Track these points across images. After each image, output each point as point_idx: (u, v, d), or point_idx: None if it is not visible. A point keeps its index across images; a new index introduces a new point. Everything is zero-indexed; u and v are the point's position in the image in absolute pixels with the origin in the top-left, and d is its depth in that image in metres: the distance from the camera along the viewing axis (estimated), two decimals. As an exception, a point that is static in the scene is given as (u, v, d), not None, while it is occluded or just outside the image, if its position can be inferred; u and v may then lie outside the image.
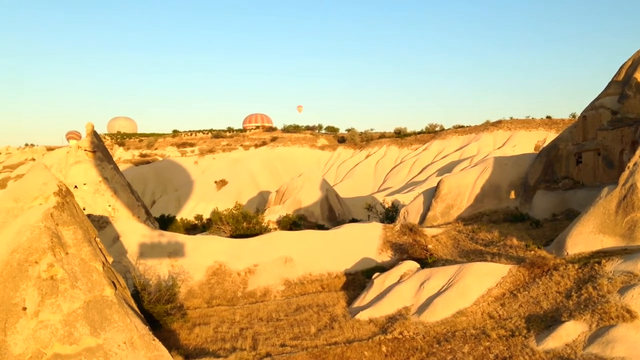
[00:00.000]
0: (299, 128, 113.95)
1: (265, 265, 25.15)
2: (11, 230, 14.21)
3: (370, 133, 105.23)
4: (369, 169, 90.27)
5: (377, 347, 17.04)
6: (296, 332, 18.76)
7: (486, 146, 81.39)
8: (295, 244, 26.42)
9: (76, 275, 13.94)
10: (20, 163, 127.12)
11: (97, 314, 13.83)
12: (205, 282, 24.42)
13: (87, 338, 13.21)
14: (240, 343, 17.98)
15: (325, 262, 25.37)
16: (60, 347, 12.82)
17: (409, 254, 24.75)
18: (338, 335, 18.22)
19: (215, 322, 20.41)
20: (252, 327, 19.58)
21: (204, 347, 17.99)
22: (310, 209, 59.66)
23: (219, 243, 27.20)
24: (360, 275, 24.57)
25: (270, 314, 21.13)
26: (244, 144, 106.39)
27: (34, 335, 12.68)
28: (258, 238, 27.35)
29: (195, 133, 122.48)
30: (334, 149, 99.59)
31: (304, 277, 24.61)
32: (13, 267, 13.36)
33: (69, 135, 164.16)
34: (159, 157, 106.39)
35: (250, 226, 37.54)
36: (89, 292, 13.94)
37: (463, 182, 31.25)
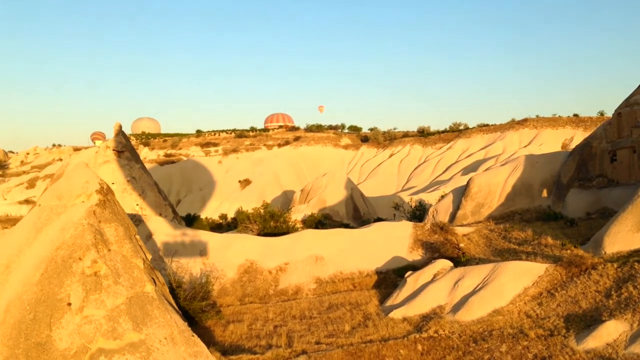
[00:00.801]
0: (321, 127, 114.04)
1: (296, 264, 25.23)
2: (55, 227, 14.50)
3: (393, 132, 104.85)
4: (392, 168, 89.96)
5: (412, 346, 16.97)
6: (330, 330, 18.79)
7: (512, 145, 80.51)
8: (326, 243, 26.46)
9: (118, 271, 14.16)
10: (47, 163, 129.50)
11: (139, 309, 14.03)
12: (237, 280, 24.60)
13: (130, 333, 13.41)
14: (275, 340, 18.06)
15: (356, 261, 25.35)
16: (105, 342, 13.03)
17: (440, 253, 24.62)
18: (373, 333, 18.19)
19: (249, 320, 20.54)
20: (286, 325, 19.66)
21: (239, 344, 18.12)
22: (335, 208, 59.70)
23: (249, 241, 27.38)
24: (392, 274, 24.51)
25: (303, 311, 21.19)
26: (267, 143, 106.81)
27: (78, 330, 12.91)
28: (288, 236, 27.46)
29: (218, 133, 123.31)
30: (357, 148, 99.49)
31: (335, 276, 24.62)
32: (57, 264, 13.62)
33: (94, 135, 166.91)
34: (184, 157, 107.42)
35: (278, 225, 37.71)
36: (131, 288, 14.14)
37: (493, 181, 30.95)
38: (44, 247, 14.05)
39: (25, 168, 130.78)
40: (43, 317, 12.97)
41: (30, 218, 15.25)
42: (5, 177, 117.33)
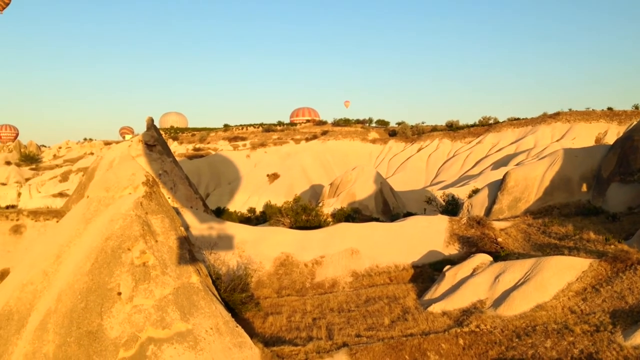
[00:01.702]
0: (349, 122, 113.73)
1: (331, 257, 25.26)
2: (104, 218, 14.78)
3: (421, 126, 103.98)
4: (420, 162, 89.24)
5: (454, 340, 16.84)
6: (370, 323, 18.78)
7: (543, 139, 79.09)
8: (361, 236, 26.42)
9: (165, 262, 14.38)
10: (79, 157, 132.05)
11: (185, 300, 14.23)
12: (274, 273, 24.73)
13: (178, 323, 13.62)
14: (315, 332, 18.13)
15: (391, 255, 25.26)
16: (154, 331, 13.26)
17: (478, 247, 24.37)
18: (413, 327, 18.12)
19: (287, 312, 20.65)
20: (325, 317, 19.71)
21: (279, 336, 18.24)
22: (364, 202, 59.57)
23: (284, 234, 27.50)
24: (428, 268, 24.36)
25: (340, 304, 21.22)
26: (295, 137, 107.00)
27: (129, 319, 13.15)
28: (324, 230, 27.50)
29: (246, 127, 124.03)
30: (385, 143, 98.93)
31: (371, 269, 24.58)
32: (107, 254, 13.89)
33: (123, 130, 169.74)
34: (212, 151, 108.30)
35: (310, 219, 37.82)
36: (178, 278, 14.36)
37: (531, 175, 30.48)
38: (94, 237, 14.33)
39: (57, 162, 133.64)
40: (94, 306, 13.25)
41: (79, 209, 15.57)
42: (39, 170, 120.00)
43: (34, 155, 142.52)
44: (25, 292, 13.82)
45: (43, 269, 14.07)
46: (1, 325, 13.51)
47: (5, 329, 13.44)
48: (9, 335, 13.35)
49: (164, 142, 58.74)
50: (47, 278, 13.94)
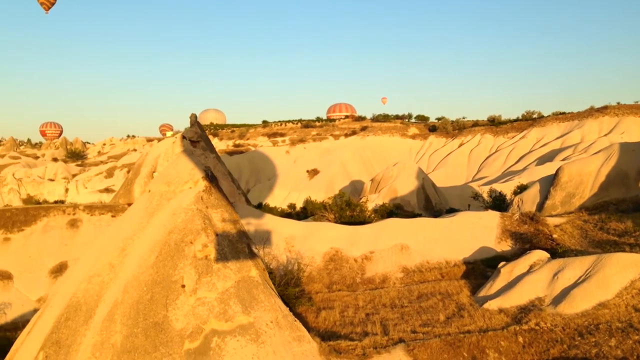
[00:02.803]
0: (388, 117, 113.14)
1: (381, 252, 25.15)
2: (166, 212, 15.05)
3: (462, 121, 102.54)
4: (462, 158, 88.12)
5: (513, 338, 16.56)
6: (424, 319, 18.62)
7: (590, 134, 76.97)
8: (411, 232, 26.22)
9: (226, 255, 14.55)
10: (123, 153, 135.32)
11: (246, 293, 14.37)
12: (323, 268, 24.79)
13: (240, 316, 13.76)
14: (370, 328, 18.09)
15: (442, 250, 24.99)
16: (217, 323, 13.43)
17: (532, 244, 23.86)
18: (469, 324, 17.89)
19: (339, 307, 20.67)
20: (378, 313, 19.65)
21: (334, 331, 18.27)
22: (406, 198, 59.21)
23: (333, 230, 27.53)
24: (480, 264, 24.00)
25: (393, 300, 21.12)
26: (334, 133, 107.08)
27: (193, 311, 13.36)
28: (372, 225, 27.41)
29: (284, 123, 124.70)
30: (425, 138, 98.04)
31: (421, 265, 24.38)
32: (171, 247, 14.14)
33: (162, 127, 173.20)
34: (252, 147, 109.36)
35: (354, 214, 37.77)
36: (238, 272, 14.50)
37: (585, 170, 29.65)
38: (157, 231, 14.61)
39: (102, 158, 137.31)
40: (159, 298, 13.51)
41: (142, 203, 15.89)
42: (85, 167, 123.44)
43: (80, 152, 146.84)
44: (92, 284, 14.20)
45: (109, 261, 14.42)
46: (69, 317, 13.91)
47: (73, 320, 13.83)
48: (77, 326, 13.73)
49: (207, 139, 59.60)
50: (113, 270, 14.29)
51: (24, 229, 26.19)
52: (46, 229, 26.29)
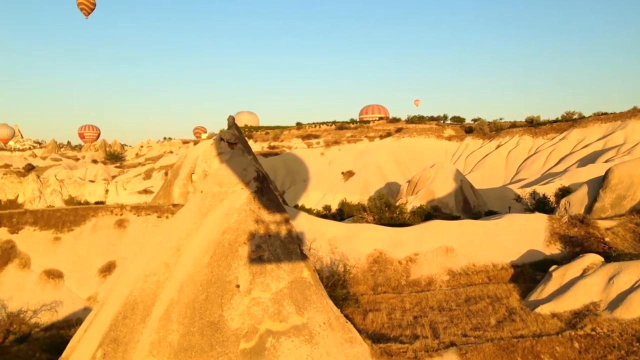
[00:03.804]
0: (423, 119, 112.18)
1: (426, 255, 24.90)
2: (219, 212, 15.18)
3: (499, 122, 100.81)
4: (500, 159, 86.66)
5: (568, 343, 16.16)
6: (475, 323, 18.33)
7: (635, 134, 74.73)
8: (455, 234, 25.88)
9: (279, 256, 14.60)
10: (160, 155, 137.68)
11: (299, 294, 14.38)
12: (367, 270, 24.67)
13: (294, 316, 13.78)
14: (419, 330, 17.90)
15: (488, 253, 24.59)
16: (272, 323, 13.48)
17: (583, 247, 23.26)
18: (522, 328, 17.54)
19: (386, 309, 20.53)
20: (426, 316, 19.43)
21: (382, 333, 18.13)
22: (444, 200, 58.54)
23: (376, 231, 27.39)
24: (528, 268, 23.52)
25: (440, 303, 20.86)
26: (369, 135, 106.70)
27: (248, 311, 13.43)
28: (416, 227, 27.17)
29: (319, 125, 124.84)
30: (462, 140, 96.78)
31: (467, 268, 24.03)
32: (225, 247, 14.26)
33: (196, 130, 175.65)
34: (286, 149, 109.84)
35: (394, 216, 37.52)
36: (291, 273, 14.53)
37: (636, 171, 28.75)
38: (211, 231, 14.75)
39: (140, 160, 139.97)
40: (214, 297, 13.63)
41: (195, 204, 16.07)
42: (123, 168, 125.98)
43: (118, 154, 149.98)
44: (148, 283, 14.41)
45: (164, 261, 14.63)
46: (127, 315, 14.16)
47: (130, 318, 14.06)
48: (134, 324, 13.95)
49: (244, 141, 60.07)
50: (168, 269, 14.48)
51: (74, 228, 26.84)
52: (95, 229, 26.89)
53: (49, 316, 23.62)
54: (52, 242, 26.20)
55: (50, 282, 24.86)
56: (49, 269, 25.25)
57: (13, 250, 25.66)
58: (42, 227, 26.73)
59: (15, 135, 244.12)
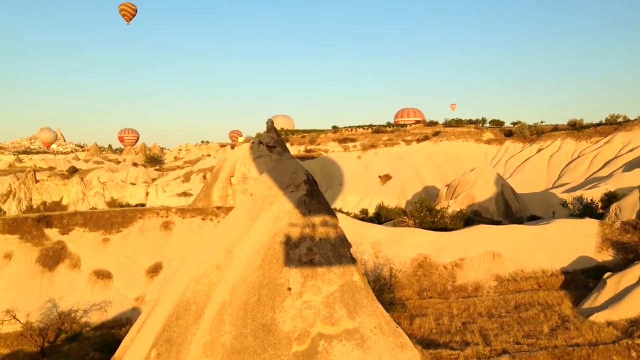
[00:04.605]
0: (461, 122, 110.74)
1: (472, 260, 24.49)
2: (270, 215, 15.23)
3: (541, 126, 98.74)
4: (541, 164, 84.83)
5: (626, 352, 15.60)
6: (527, 331, 17.89)
7: (683, 138, 72.25)
8: (502, 239, 25.39)
9: (330, 259, 14.54)
10: (198, 159, 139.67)
11: (350, 297, 14.30)
12: (412, 274, 24.41)
13: (346, 320, 13.70)
14: (469, 337, 17.57)
15: (537, 259, 24.03)
16: (324, 327, 13.42)
17: (637, 254, 22.51)
18: (577, 337, 17.01)
19: (433, 315, 20.25)
20: (475, 322, 19.08)
21: (431, 339, 17.86)
22: (484, 205, 57.58)
23: (420, 235, 27.10)
24: (580, 275, 22.89)
25: (489, 309, 20.46)
26: (406, 139, 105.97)
27: (300, 314, 13.42)
28: (462, 231, 26.77)
29: (355, 129, 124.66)
30: (501, 143, 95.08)
31: (515, 274, 23.53)
32: (276, 250, 14.29)
33: (232, 134, 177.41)
34: (323, 153, 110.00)
35: (436, 220, 37.04)
36: (342, 276, 14.45)
37: (692, 176, 27.72)
38: (261, 234, 14.81)
39: (178, 163, 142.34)
40: (266, 300, 13.66)
41: (245, 207, 16.17)
42: (163, 171, 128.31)
43: (158, 157, 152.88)
44: (201, 285, 14.56)
45: (216, 263, 14.76)
46: (180, 316, 14.33)
47: (184, 319, 14.22)
48: (187, 325, 14.11)
49: (284, 144, 60.23)
50: (220, 272, 14.60)
51: (122, 230, 27.42)
52: (142, 231, 27.41)
53: (98, 316, 24.16)
54: (101, 244, 26.82)
55: (100, 283, 25.44)
56: (99, 270, 25.85)
57: (64, 251, 26.37)
58: (91, 228, 27.40)
59: (58, 139, 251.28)
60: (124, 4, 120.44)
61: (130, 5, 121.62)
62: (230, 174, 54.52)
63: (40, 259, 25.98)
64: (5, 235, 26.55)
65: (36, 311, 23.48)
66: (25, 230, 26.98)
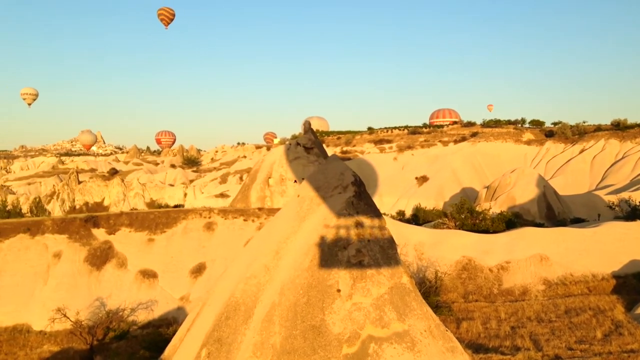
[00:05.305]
0: (499, 122, 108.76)
1: (518, 263, 24.02)
2: (317, 217, 15.21)
3: (582, 126, 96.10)
4: (584, 164, 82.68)
5: (684, 361, 15.02)
6: (579, 336, 17.41)
7: None
8: (550, 242, 24.82)
9: (378, 261, 14.43)
10: (234, 160, 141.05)
11: (399, 300, 14.14)
12: (456, 277, 24.08)
13: (395, 323, 13.55)
14: (519, 342, 17.20)
15: (586, 263, 23.41)
16: (373, 329, 13.31)
17: (693, 258, 21.66)
18: (631, 342, 16.48)
19: (480, 318, 19.94)
20: (525, 327, 18.67)
21: (480, 343, 17.55)
22: (525, 207, 56.39)
23: (463, 237, 26.74)
24: (632, 279, 22.22)
25: (538, 314, 20.00)
26: (443, 139, 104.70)
27: (349, 316, 13.34)
28: (506, 234, 26.29)
29: (391, 130, 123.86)
30: (542, 144, 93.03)
31: (564, 278, 22.97)
32: (324, 251, 14.24)
33: (267, 135, 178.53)
34: (359, 154, 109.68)
35: (477, 222, 36.45)
36: (391, 278, 14.32)
37: None
38: (309, 235, 14.79)
39: (215, 165, 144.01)
40: (315, 301, 13.64)
41: (292, 208, 16.21)
42: (200, 172, 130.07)
43: (195, 159, 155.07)
44: (250, 285, 14.65)
45: (264, 264, 14.82)
46: (229, 315, 14.44)
47: (233, 319, 14.33)
48: (237, 325, 14.21)
49: (320, 145, 60.15)
50: (268, 272, 14.66)
51: (166, 230, 27.88)
52: (186, 231, 27.81)
53: (145, 314, 24.59)
54: (146, 243, 27.32)
55: (146, 282, 25.91)
56: (144, 269, 26.33)
57: (110, 251, 26.96)
58: (136, 228, 27.94)
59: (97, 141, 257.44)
60: (162, 9, 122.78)
61: (168, 9, 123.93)
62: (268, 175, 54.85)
63: (88, 258, 26.61)
64: (54, 235, 27.31)
65: (85, 309, 24.05)
66: (74, 230, 27.69)
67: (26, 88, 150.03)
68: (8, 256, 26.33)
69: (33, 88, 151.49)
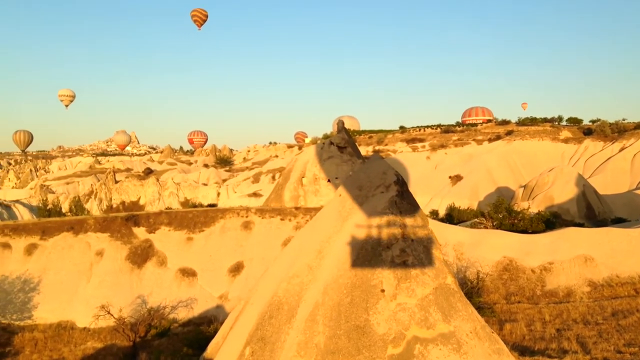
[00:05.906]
0: (535, 120, 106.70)
1: (562, 264, 23.47)
2: (360, 216, 15.13)
3: (622, 123, 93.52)
4: (624, 163, 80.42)
5: None
6: (628, 339, 16.89)
7: None
8: (594, 242, 24.20)
9: (422, 261, 14.27)
10: (266, 160, 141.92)
11: (444, 300, 13.96)
12: (497, 277, 23.69)
13: (441, 324, 13.38)
14: (566, 344, 16.78)
15: (633, 264, 22.75)
16: (418, 330, 13.17)
17: None
18: (685, 347, 15.90)
19: (524, 320, 19.55)
20: (570, 329, 18.23)
21: (525, 345, 17.22)
22: (564, 206, 55.19)
23: (503, 237, 26.29)
24: (682, 281, 21.42)
25: (584, 316, 19.51)
26: (476, 138, 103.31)
27: (394, 316, 13.23)
28: (548, 234, 25.75)
29: (423, 129, 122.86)
30: (580, 142, 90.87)
31: (610, 279, 22.35)
32: (368, 251, 14.16)
33: (297, 135, 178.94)
34: (391, 153, 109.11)
35: (515, 222, 35.81)
36: (435, 279, 14.14)
37: None
38: (352, 234, 14.71)
39: (247, 164, 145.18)
40: (359, 301, 13.57)
41: (334, 207, 16.17)
42: (232, 172, 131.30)
43: (227, 158, 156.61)
44: (292, 284, 14.67)
45: (307, 263, 14.83)
46: (272, 315, 14.49)
47: (276, 318, 14.38)
48: (280, 324, 14.25)
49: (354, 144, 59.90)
50: (311, 272, 14.65)
51: (204, 229, 28.22)
52: (223, 230, 28.10)
53: (185, 312, 24.95)
54: (185, 242, 27.69)
55: (185, 280, 26.28)
56: (184, 267, 26.70)
57: (151, 249, 27.42)
58: (175, 227, 28.35)
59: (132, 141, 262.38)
60: (196, 10, 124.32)
61: (201, 11, 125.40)
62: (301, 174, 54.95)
63: (129, 256, 27.12)
64: (96, 233, 27.93)
65: (127, 307, 24.52)
66: (115, 228, 28.26)
67: (64, 90, 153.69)
68: (52, 254, 27.04)
69: (70, 90, 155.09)
